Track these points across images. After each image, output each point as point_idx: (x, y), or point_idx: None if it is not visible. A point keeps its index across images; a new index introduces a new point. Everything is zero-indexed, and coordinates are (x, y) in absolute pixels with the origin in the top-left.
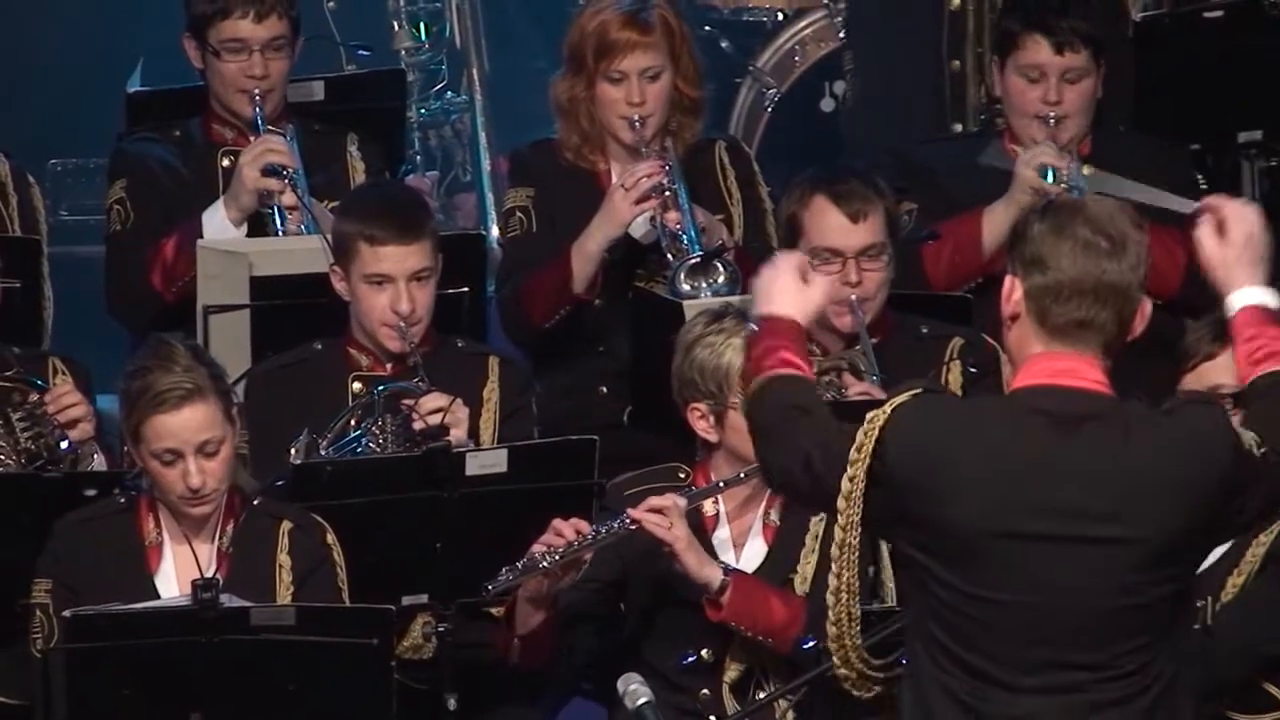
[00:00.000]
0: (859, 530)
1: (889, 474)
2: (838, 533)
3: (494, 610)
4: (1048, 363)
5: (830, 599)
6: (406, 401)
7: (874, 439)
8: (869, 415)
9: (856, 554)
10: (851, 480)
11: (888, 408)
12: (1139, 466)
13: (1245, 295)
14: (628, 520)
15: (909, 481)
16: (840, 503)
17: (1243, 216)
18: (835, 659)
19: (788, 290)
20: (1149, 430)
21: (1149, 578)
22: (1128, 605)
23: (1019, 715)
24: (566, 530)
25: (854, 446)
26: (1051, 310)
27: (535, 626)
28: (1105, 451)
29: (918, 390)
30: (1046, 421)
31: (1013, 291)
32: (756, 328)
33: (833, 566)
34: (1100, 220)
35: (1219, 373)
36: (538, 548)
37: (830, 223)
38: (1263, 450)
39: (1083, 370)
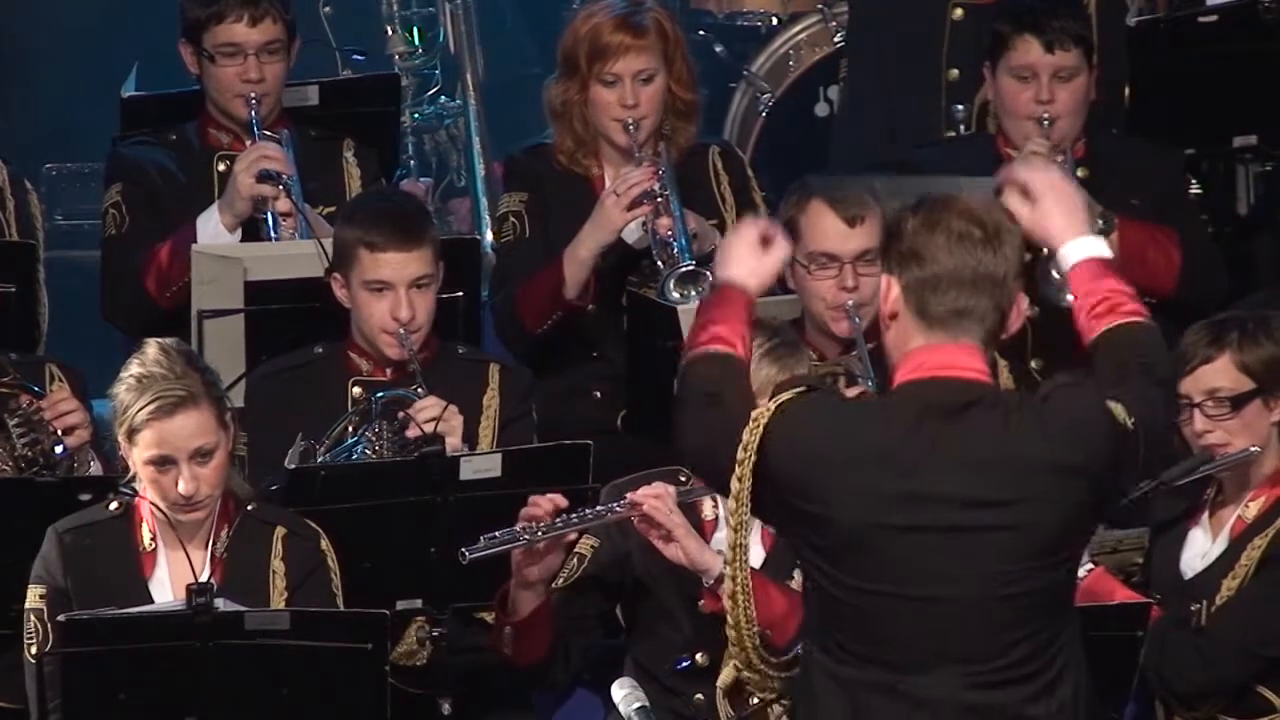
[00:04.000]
0: (750, 530)
1: (773, 470)
2: (729, 534)
3: (487, 615)
4: (927, 355)
5: (727, 603)
6: (403, 407)
7: (758, 437)
8: (753, 414)
9: (748, 554)
10: (740, 480)
11: (772, 405)
12: (1024, 452)
13: (1075, 248)
14: (619, 506)
15: (791, 477)
16: (731, 503)
17: (1039, 171)
18: (737, 661)
19: (743, 256)
20: (1030, 415)
21: (1038, 564)
22: (1016, 593)
23: (908, 705)
24: (542, 503)
25: (740, 446)
26: (930, 302)
27: (527, 614)
28: (988, 439)
29: (803, 388)
30: (926, 411)
31: (890, 290)
32: (710, 293)
33: (726, 570)
34: (973, 211)
35: (1217, 376)
36: (520, 524)
37: (827, 227)
38: (1132, 421)
39: (962, 360)
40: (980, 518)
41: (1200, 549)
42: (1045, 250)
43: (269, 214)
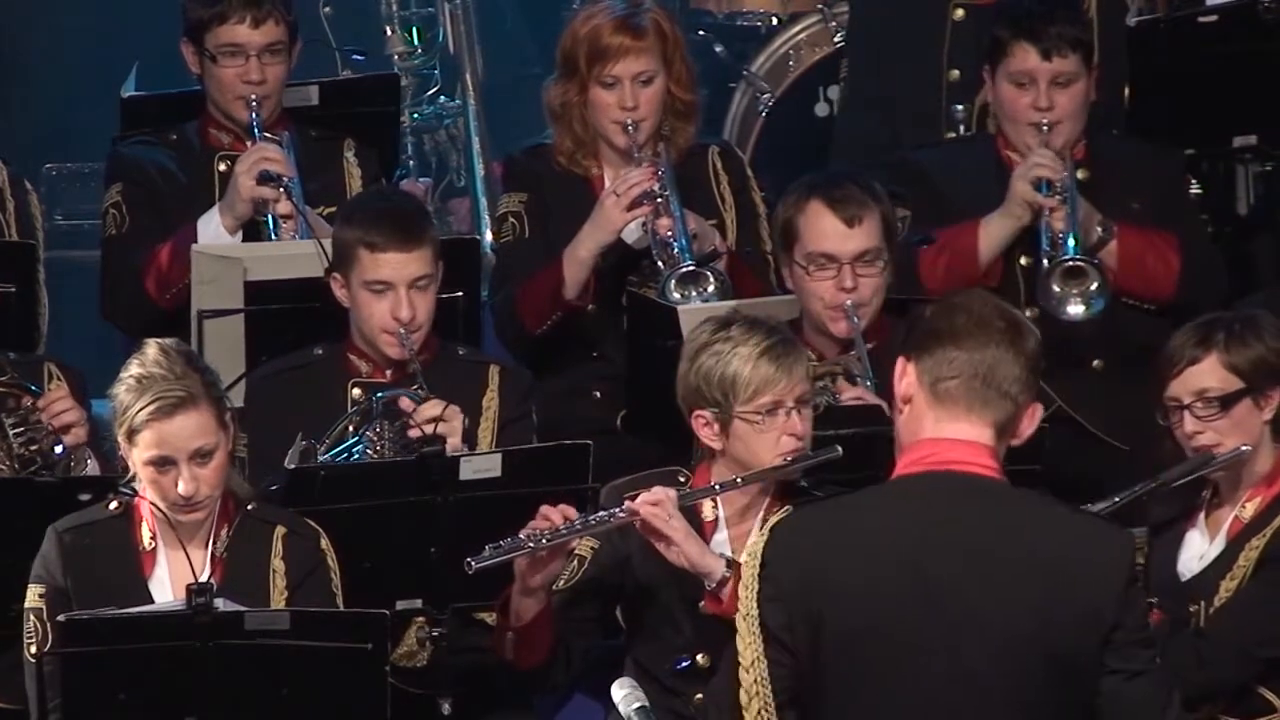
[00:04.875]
0: (765, 664)
1: (777, 596)
2: (743, 676)
3: (486, 616)
4: (933, 448)
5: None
6: (405, 405)
7: (757, 566)
8: (748, 546)
9: (769, 688)
10: (745, 619)
11: (765, 530)
12: (1017, 552)
13: None
14: (621, 512)
15: (792, 598)
16: (739, 644)
17: None
18: None
19: None
20: (1041, 522)
21: (1032, 668)
22: (1012, 687)
23: None
24: (553, 515)
25: (740, 584)
26: (943, 380)
27: (530, 619)
28: (988, 532)
29: (791, 507)
30: (924, 507)
31: (904, 374)
32: None
33: (745, 714)
34: (998, 305)
35: (1204, 377)
36: (525, 531)
37: (826, 228)
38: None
39: (970, 455)
40: (978, 607)
41: (1197, 550)
42: (1045, 261)
43: (270, 216)
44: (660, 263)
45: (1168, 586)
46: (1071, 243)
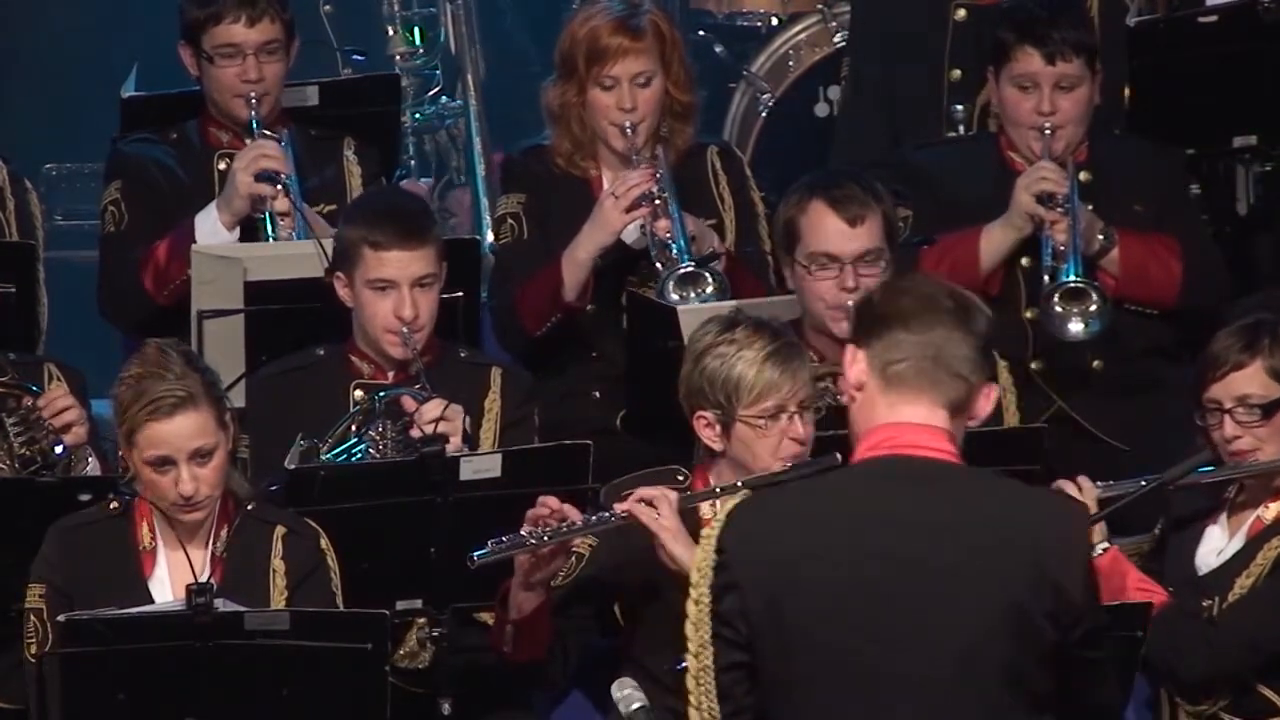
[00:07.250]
0: (710, 651)
1: (731, 583)
2: (690, 661)
3: (486, 616)
4: (892, 433)
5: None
6: (408, 404)
7: (712, 549)
8: (703, 532)
9: (713, 677)
10: (697, 603)
11: (721, 515)
12: (979, 532)
13: None
14: (621, 512)
15: (751, 583)
16: (689, 629)
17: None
18: None
19: None
20: (999, 499)
21: (995, 650)
22: (976, 675)
23: None
24: (552, 502)
25: (693, 567)
26: (892, 363)
27: (529, 612)
28: (950, 512)
29: (748, 491)
30: (887, 491)
31: (854, 361)
32: None
33: (689, 699)
34: (945, 285)
35: (1248, 383)
36: (527, 527)
37: (828, 228)
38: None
39: (925, 439)
40: (941, 586)
41: (1216, 545)
42: (1047, 278)
43: (267, 214)
44: (659, 264)
45: (1183, 578)
46: (1072, 263)
